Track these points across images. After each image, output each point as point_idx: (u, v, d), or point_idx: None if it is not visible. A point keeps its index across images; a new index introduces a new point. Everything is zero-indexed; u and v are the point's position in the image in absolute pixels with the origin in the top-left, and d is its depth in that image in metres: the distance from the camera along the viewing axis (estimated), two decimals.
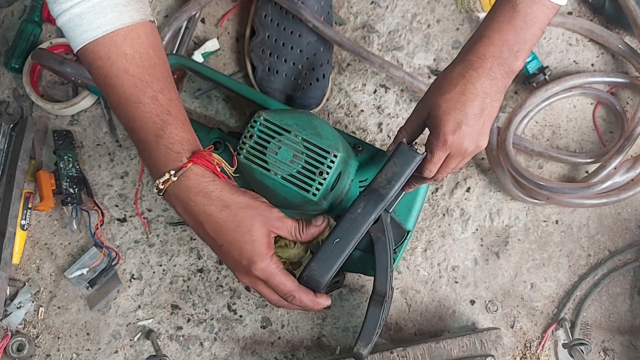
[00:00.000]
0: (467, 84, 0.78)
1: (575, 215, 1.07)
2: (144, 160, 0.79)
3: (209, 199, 0.76)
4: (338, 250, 0.79)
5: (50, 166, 1.07)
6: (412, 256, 1.05)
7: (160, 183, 0.76)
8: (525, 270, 1.05)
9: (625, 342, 1.04)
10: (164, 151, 0.76)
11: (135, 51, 0.76)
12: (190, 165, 0.76)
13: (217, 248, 0.78)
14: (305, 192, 0.83)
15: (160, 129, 0.76)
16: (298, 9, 1.02)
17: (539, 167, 1.08)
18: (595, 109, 1.09)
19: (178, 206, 0.78)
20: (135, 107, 0.76)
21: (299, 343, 1.04)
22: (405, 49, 1.11)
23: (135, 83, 0.76)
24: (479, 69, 0.78)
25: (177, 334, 1.04)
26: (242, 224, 0.76)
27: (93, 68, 0.77)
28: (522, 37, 0.78)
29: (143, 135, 0.77)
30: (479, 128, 0.79)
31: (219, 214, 0.76)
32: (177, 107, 0.79)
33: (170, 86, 0.79)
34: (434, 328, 1.04)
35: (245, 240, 0.76)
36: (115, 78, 0.76)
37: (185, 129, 0.78)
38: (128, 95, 0.76)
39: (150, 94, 0.76)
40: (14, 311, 1.03)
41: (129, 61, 0.76)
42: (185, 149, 0.77)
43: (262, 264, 0.77)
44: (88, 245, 1.05)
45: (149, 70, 0.77)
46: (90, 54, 0.76)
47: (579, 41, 1.11)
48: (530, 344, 1.04)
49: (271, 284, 0.78)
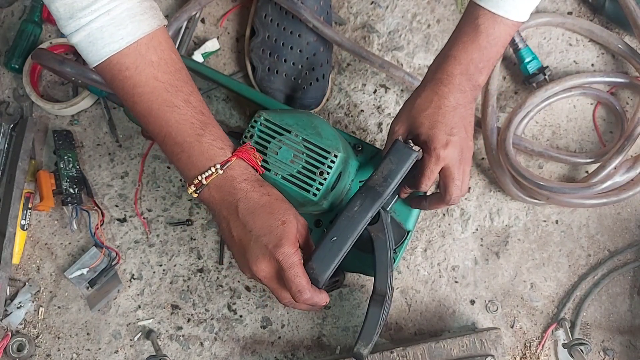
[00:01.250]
0: (441, 99, 0.84)
1: (575, 215, 1.07)
2: (179, 162, 0.80)
3: (253, 185, 0.78)
4: (335, 248, 0.79)
5: (51, 166, 1.07)
6: (412, 256, 1.05)
7: (204, 178, 0.78)
8: (525, 270, 1.05)
9: (625, 342, 1.04)
10: (207, 148, 0.78)
11: (161, 58, 0.78)
12: (235, 159, 0.79)
13: (244, 234, 0.78)
14: (305, 192, 0.83)
15: (199, 129, 0.78)
16: (298, 9, 1.02)
17: (539, 167, 1.08)
18: (595, 109, 1.09)
19: (217, 197, 0.79)
20: (170, 111, 0.78)
21: (299, 343, 1.04)
22: (405, 49, 1.11)
23: (166, 88, 0.78)
24: (449, 84, 0.84)
25: (177, 334, 1.04)
26: (278, 212, 0.78)
27: (119, 79, 0.78)
28: (486, 56, 0.84)
29: (181, 137, 0.78)
30: (464, 135, 0.85)
31: (259, 199, 0.78)
32: (207, 107, 0.81)
33: (195, 88, 0.81)
34: (434, 328, 1.04)
35: (277, 225, 0.77)
36: (145, 86, 0.78)
37: (220, 128, 0.81)
38: (161, 101, 0.78)
39: (182, 98, 0.79)
40: (14, 311, 1.03)
41: (156, 68, 0.78)
42: (227, 144, 0.80)
43: (287, 248, 0.76)
44: (88, 245, 1.05)
45: (176, 75, 0.79)
46: (116, 66, 0.77)
47: (579, 41, 1.11)
48: (530, 344, 1.04)
49: (288, 274, 0.76)
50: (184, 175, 0.81)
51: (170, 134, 0.79)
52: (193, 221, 1.06)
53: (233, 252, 0.81)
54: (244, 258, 0.78)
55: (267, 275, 0.78)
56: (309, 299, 0.77)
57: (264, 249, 0.76)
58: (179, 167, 0.81)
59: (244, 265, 0.79)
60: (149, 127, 0.80)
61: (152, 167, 1.08)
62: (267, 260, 0.77)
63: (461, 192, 0.86)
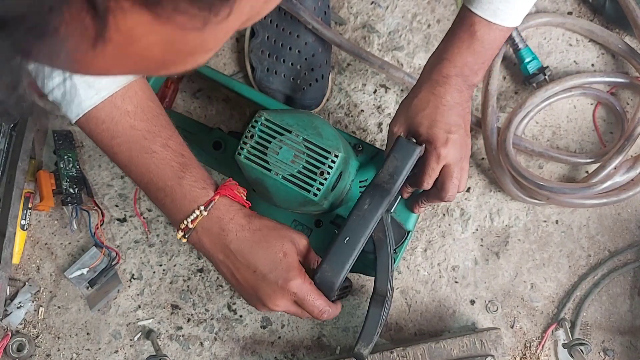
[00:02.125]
0: (438, 99, 0.85)
1: (575, 215, 1.07)
2: (164, 207, 0.80)
3: (241, 225, 0.79)
4: (349, 248, 0.79)
5: (51, 166, 1.07)
6: (412, 256, 1.05)
7: (190, 222, 0.78)
8: (525, 270, 1.05)
9: (625, 342, 1.04)
10: (188, 190, 0.78)
11: (137, 107, 0.79)
12: (219, 197, 0.79)
13: (249, 276, 0.78)
14: (306, 192, 0.83)
15: (180, 171, 0.79)
16: (297, 10, 1.02)
17: (539, 167, 1.08)
18: (596, 109, 1.09)
19: (207, 241, 0.79)
20: (149, 157, 0.78)
21: (299, 343, 1.04)
22: (405, 49, 1.11)
23: (144, 136, 0.78)
24: (445, 85, 0.85)
25: (177, 334, 1.04)
26: (276, 245, 0.79)
27: (97, 132, 0.79)
28: (481, 59, 0.86)
29: (162, 182, 0.79)
30: (462, 133, 0.85)
31: (252, 237, 0.78)
32: (187, 149, 0.81)
33: (175, 132, 0.81)
34: (434, 328, 1.04)
35: (280, 258, 0.78)
36: (122, 136, 0.78)
37: (201, 167, 0.81)
38: (139, 148, 0.78)
39: (161, 142, 0.79)
40: (14, 311, 1.03)
41: (132, 117, 0.78)
42: (209, 183, 0.80)
43: (297, 280, 0.78)
44: (88, 245, 1.05)
45: (154, 122, 0.79)
46: (93, 120, 0.78)
47: (579, 41, 1.11)
48: (530, 344, 1.04)
49: (307, 303, 0.78)
50: (172, 220, 0.81)
51: (151, 180, 0.79)
52: None
53: (242, 294, 0.82)
54: (257, 298, 0.80)
55: (286, 307, 0.80)
56: (331, 315, 0.81)
57: (274, 286, 0.78)
58: (166, 213, 0.81)
59: (258, 303, 0.80)
60: (132, 176, 0.81)
61: None
62: (281, 296, 0.78)
63: (458, 189, 0.86)
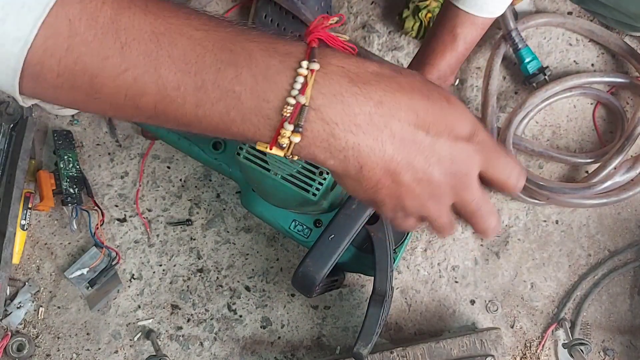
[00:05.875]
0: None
1: (575, 215, 1.07)
2: (241, 96, 0.44)
3: (372, 64, 0.47)
4: (333, 246, 0.79)
5: (50, 166, 1.07)
6: (412, 256, 1.05)
7: (298, 93, 0.44)
8: (525, 270, 1.05)
9: (625, 342, 1.04)
10: (272, 47, 0.45)
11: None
12: (315, 46, 0.46)
13: (425, 114, 0.46)
14: (305, 192, 0.83)
15: (239, 34, 0.45)
16: (298, 9, 1.02)
17: (539, 167, 1.08)
18: (595, 109, 1.09)
19: (338, 116, 0.44)
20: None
21: (298, 343, 1.04)
22: (405, 49, 1.11)
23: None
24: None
25: (177, 334, 1.04)
26: (432, 86, 0.48)
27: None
28: (461, 57, 0.87)
29: (223, 54, 0.44)
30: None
31: (407, 77, 0.47)
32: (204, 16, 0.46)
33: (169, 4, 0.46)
34: (434, 328, 1.04)
35: (452, 98, 0.49)
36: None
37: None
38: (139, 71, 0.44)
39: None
40: (14, 311, 1.03)
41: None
42: (289, 41, 0.46)
43: (484, 130, 0.50)
44: (88, 245, 1.05)
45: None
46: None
47: (579, 41, 1.11)
48: (530, 344, 1.04)
49: (498, 157, 0.50)
50: (256, 113, 0.45)
51: (198, 87, 0.44)
52: (193, 221, 1.06)
53: (436, 183, 0.48)
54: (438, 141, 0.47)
55: (464, 180, 0.49)
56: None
57: (458, 135, 0.48)
58: (241, 103, 0.44)
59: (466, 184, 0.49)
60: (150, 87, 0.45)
61: (152, 167, 1.08)
62: (465, 155, 0.48)
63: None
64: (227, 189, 1.07)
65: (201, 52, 0.44)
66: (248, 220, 1.06)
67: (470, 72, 1.10)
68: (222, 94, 0.44)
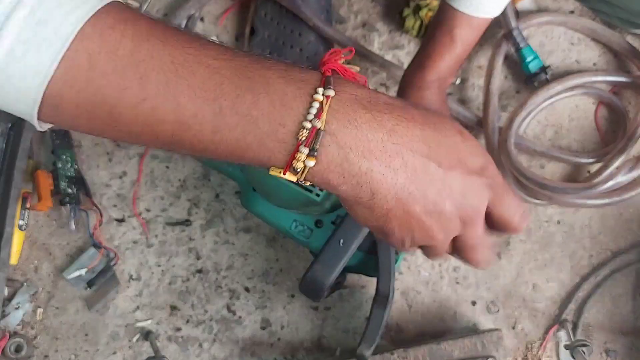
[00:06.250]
0: (419, 102, 0.87)
1: (577, 215, 1.06)
2: (258, 121, 0.45)
3: (386, 103, 0.47)
4: (342, 251, 0.79)
5: (49, 166, 1.06)
6: (414, 257, 1.05)
7: (314, 117, 0.44)
8: (527, 270, 1.05)
9: (627, 343, 1.03)
10: (288, 76, 0.46)
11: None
12: (329, 75, 0.47)
13: (437, 146, 0.47)
14: (308, 192, 0.83)
15: (260, 64, 0.46)
16: (298, 7, 1.02)
17: (541, 167, 1.07)
18: (597, 109, 1.09)
19: (353, 140, 0.45)
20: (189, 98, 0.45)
21: (298, 344, 1.03)
22: (405, 48, 1.10)
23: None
24: (426, 90, 0.88)
25: (176, 335, 1.03)
26: (444, 118, 0.49)
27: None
28: (460, 58, 0.88)
29: (242, 81, 0.45)
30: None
31: (419, 109, 0.48)
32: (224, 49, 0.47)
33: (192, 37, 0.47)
34: (435, 329, 1.03)
35: (465, 132, 0.49)
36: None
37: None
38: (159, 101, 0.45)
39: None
40: (12, 312, 1.02)
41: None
42: (304, 69, 0.47)
43: (494, 165, 0.51)
44: (86, 245, 1.05)
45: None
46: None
47: (580, 40, 1.10)
48: (532, 345, 1.03)
49: (506, 195, 0.51)
50: (272, 137, 0.45)
51: (222, 90, 0.45)
52: (192, 221, 1.06)
53: (444, 215, 0.48)
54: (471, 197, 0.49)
55: (474, 212, 0.50)
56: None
57: (465, 168, 0.48)
58: (258, 128, 0.45)
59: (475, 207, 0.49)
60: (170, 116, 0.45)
61: (151, 167, 1.07)
62: (477, 189, 0.49)
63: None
64: (227, 189, 1.06)
65: (219, 80, 0.45)
66: (247, 220, 1.05)
67: (472, 71, 1.10)
68: (240, 120, 0.45)
